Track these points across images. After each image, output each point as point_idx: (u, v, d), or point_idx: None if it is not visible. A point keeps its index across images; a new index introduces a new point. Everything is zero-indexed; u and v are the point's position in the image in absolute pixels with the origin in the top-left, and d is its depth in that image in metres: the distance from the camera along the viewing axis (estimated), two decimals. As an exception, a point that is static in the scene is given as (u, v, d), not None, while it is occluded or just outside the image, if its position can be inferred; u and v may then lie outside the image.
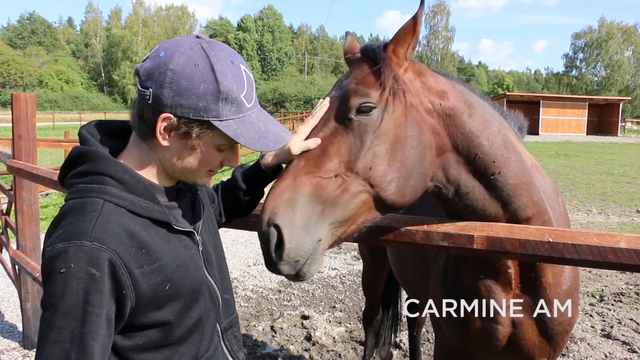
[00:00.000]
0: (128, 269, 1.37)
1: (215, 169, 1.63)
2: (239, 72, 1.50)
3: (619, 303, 6.66)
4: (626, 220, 11.63)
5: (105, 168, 1.48)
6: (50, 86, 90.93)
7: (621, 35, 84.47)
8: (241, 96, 1.49)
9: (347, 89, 1.90)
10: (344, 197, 1.77)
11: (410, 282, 3.21)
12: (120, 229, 1.40)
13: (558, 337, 2.33)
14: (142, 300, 1.42)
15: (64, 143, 12.84)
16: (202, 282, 1.64)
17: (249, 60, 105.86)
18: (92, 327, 1.30)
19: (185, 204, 1.71)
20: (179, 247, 1.56)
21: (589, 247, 1.88)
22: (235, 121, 1.48)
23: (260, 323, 5.97)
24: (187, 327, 1.59)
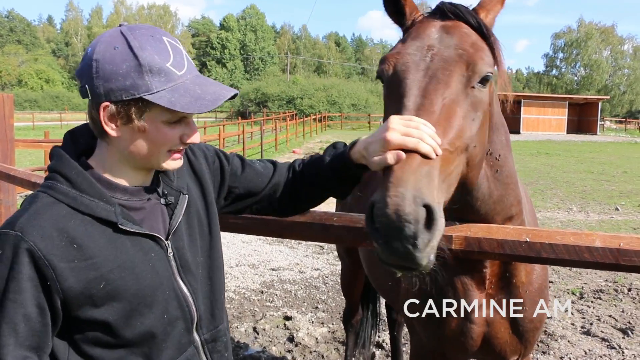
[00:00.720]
0: (49, 260, 1.41)
1: (177, 147, 1.58)
2: (160, 44, 1.49)
3: (598, 300, 6.74)
4: (605, 218, 11.78)
5: (58, 166, 1.54)
6: (30, 85, 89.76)
7: (599, 35, 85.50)
8: (167, 65, 1.47)
9: (468, 52, 1.71)
10: (455, 176, 1.64)
11: (382, 283, 3.18)
12: (49, 222, 1.44)
13: (529, 334, 2.35)
14: (72, 294, 1.45)
15: (44, 144, 12.68)
16: (160, 288, 1.60)
17: (232, 59, 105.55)
18: (8, 312, 1.40)
19: (156, 206, 1.68)
20: (128, 248, 1.54)
21: (566, 246, 1.90)
22: (167, 91, 1.47)
23: (243, 324, 5.96)
24: (140, 332, 1.57)
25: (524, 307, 2.28)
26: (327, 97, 61.76)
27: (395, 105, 1.68)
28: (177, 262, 1.67)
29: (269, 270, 7.96)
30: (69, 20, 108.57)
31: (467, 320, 2.28)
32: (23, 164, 17.56)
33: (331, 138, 36.73)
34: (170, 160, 1.60)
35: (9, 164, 5.02)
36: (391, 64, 1.77)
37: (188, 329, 1.69)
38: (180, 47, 1.55)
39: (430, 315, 2.32)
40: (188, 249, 1.72)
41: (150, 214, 1.65)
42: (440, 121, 1.59)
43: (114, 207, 1.53)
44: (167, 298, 1.62)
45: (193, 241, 1.75)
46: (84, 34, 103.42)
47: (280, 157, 24.07)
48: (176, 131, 1.55)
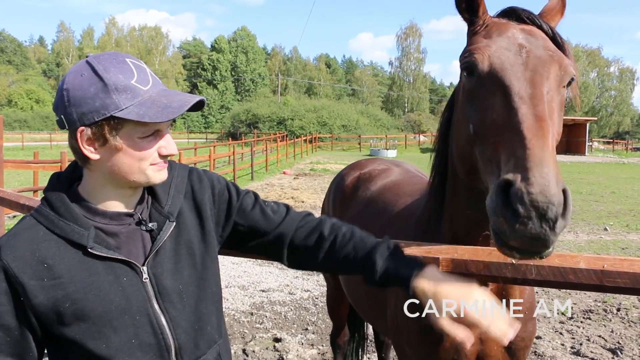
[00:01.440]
0: (19, 278, 1.51)
1: (158, 162, 1.64)
2: (123, 65, 1.57)
3: (587, 320, 6.76)
4: (594, 238, 11.84)
5: (46, 190, 1.67)
6: (20, 106, 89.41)
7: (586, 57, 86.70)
8: (132, 82, 1.55)
9: (559, 56, 1.81)
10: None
11: (363, 305, 3.14)
12: (23, 243, 1.55)
13: (520, 352, 2.37)
14: (42, 310, 1.54)
15: (33, 164, 12.63)
16: (129, 312, 1.61)
17: (223, 81, 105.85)
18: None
19: (136, 231, 1.69)
20: (99, 271, 1.58)
21: (551, 267, 1.92)
22: (135, 105, 1.53)
23: (232, 346, 5.91)
24: (106, 354, 1.59)
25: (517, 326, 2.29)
26: (317, 118, 61.95)
27: (499, 95, 1.72)
28: (155, 288, 1.67)
29: (258, 292, 7.92)
30: (60, 41, 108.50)
31: None
32: (12, 185, 17.45)
33: (322, 159, 36.82)
34: (158, 174, 1.65)
35: (-2, 185, 5.00)
36: (485, 55, 1.80)
37: (162, 356, 1.68)
38: (144, 66, 1.63)
39: (424, 336, 2.31)
40: (170, 277, 1.70)
41: (128, 239, 1.67)
42: (550, 112, 1.66)
43: (88, 231, 1.58)
44: (137, 324, 1.63)
45: (179, 269, 1.73)
46: (75, 55, 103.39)
47: (271, 178, 24.08)
48: (152, 144, 1.61)
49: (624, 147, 66.07)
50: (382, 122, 70.68)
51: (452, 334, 1.59)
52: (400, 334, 2.47)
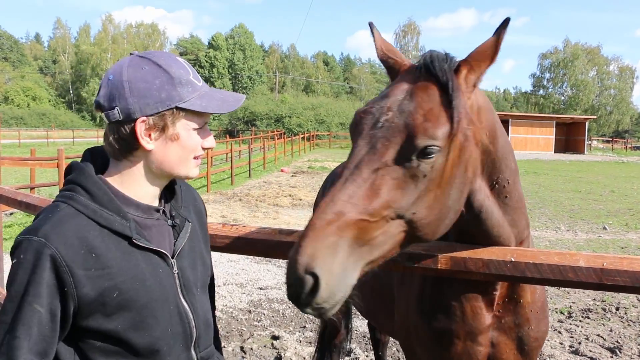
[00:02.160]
0: (69, 267, 1.49)
1: (200, 154, 1.74)
2: (179, 62, 1.68)
3: (586, 319, 6.76)
4: (593, 237, 11.85)
5: (78, 178, 1.64)
6: (17, 103, 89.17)
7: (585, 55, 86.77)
8: (190, 77, 1.67)
9: (414, 123, 1.70)
10: (384, 239, 1.67)
11: (367, 304, 3.14)
12: (72, 231, 1.53)
13: (533, 352, 2.35)
14: (86, 301, 1.52)
15: (30, 161, 12.59)
16: (166, 301, 1.69)
17: (220, 78, 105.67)
18: (24, 314, 1.47)
19: (164, 226, 1.79)
20: (139, 262, 1.64)
21: (550, 266, 1.92)
22: (196, 98, 1.65)
23: (230, 344, 5.90)
24: (146, 343, 1.64)
25: (529, 326, 2.29)
26: (315, 116, 62.02)
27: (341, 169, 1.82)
28: (180, 280, 1.77)
29: (256, 290, 7.91)
30: (56, 38, 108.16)
31: (473, 342, 2.25)
32: (9, 182, 17.41)
33: (319, 157, 36.83)
34: (195, 168, 1.75)
35: (-6, 182, 4.98)
36: (354, 123, 1.86)
37: (187, 346, 1.78)
38: (190, 65, 1.74)
39: (435, 338, 2.30)
40: (190, 271, 1.82)
41: (158, 233, 1.76)
42: (365, 192, 1.65)
43: (129, 222, 1.63)
44: (172, 313, 1.71)
45: (194, 266, 1.85)
46: (71, 52, 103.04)
47: (269, 175, 24.08)
48: (198, 138, 1.71)
49: (624, 146, 66.26)
50: (380, 120, 70.51)
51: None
52: (410, 335, 2.45)
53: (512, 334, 2.29)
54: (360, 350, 5.73)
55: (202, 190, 18.60)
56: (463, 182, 1.80)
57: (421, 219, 1.72)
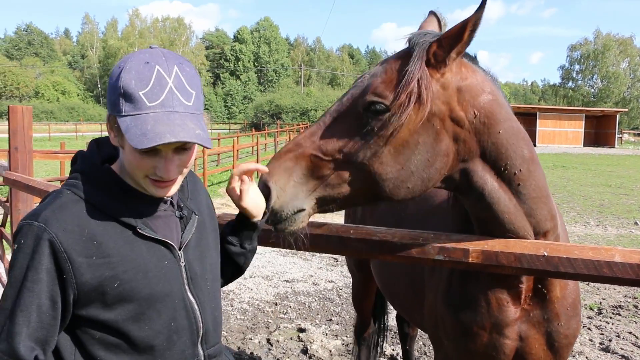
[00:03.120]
0: (68, 254, 1.46)
1: (153, 177, 1.57)
2: (147, 71, 1.49)
3: (617, 316, 6.64)
4: (624, 232, 11.63)
5: (84, 167, 1.64)
6: (47, 97, 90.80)
7: (617, 46, 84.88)
8: (140, 93, 1.47)
9: (370, 81, 1.94)
10: (338, 181, 1.91)
11: (400, 298, 3.15)
12: (73, 217, 1.51)
13: (563, 350, 2.31)
14: (86, 289, 1.50)
15: (60, 155, 12.80)
16: (170, 295, 1.65)
17: (245, 71, 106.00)
18: (24, 300, 1.44)
19: (171, 217, 1.74)
20: (143, 253, 1.60)
21: (584, 261, 1.88)
22: (131, 117, 1.47)
23: (257, 336, 5.94)
24: (146, 336, 1.60)
25: (559, 322, 2.25)
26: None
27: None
28: (188, 273, 1.72)
29: (282, 282, 7.95)
30: (84, 33, 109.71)
31: (500, 335, 2.24)
32: (40, 175, 17.73)
33: (345, 150, 36.67)
34: (153, 187, 1.60)
35: (28, 174, 5.08)
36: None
37: (193, 341, 1.73)
38: (169, 81, 1.51)
39: (462, 329, 2.30)
40: (198, 264, 1.77)
41: (164, 224, 1.71)
42: (323, 132, 1.94)
43: (134, 212, 1.61)
44: (176, 307, 1.67)
45: (203, 259, 1.80)
46: (99, 47, 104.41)
47: (294, 168, 24.08)
48: (149, 161, 1.54)
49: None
50: (405, 113, 70.10)
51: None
52: (437, 327, 2.45)
53: (541, 329, 2.26)
54: (387, 344, 5.72)
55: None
56: (433, 152, 1.91)
57: (375, 173, 1.89)
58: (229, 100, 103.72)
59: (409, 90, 1.84)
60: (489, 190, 2.00)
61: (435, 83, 1.91)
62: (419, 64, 1.87)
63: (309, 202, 1.94)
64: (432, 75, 1.90)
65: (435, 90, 1.90)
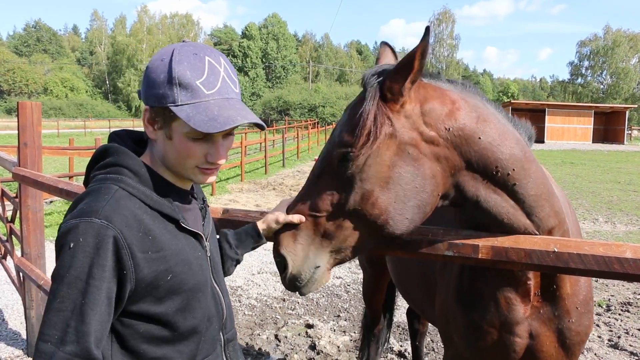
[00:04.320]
0: (131, 249, 1.47)
1: (203, 165, 1.62)
2: (199, 62, 1.56)
3: (626, 313, 6.61)
4: (633, 229, 11.57)
5: (124, 160, 1.62)
6: (55, 94, 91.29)
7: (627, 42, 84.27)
8: (197, 82, 1.54)
9: (334, 137, 2.02)
10: (341, 232, 1.97)
11: (414, 293, 3.16)
12: (129, 212, 1.51)
13: (575, 347, 2.28)
14: (142, 285, 1.51)
15: (69, 151, 12.87)
16: (206, 284, 1.73)
17: (253, 68, 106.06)
18: (92, 298, 1.41)
19: (196, 209, 1.81)
20: (184, 245, 1.65)
21: (595, 257, 1.87)
22: (190, 106, 1.53)
23: (264, 332, 5.96)
24: (189, 326, 1.66)
25: (570, 318, 2.23)
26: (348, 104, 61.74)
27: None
28: (210, 263, 1.80)
29: (290, 278, 7.93)
30: (93, 30, 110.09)
31: (510, 332, 2.23)
32: (48, 171, 17.82)
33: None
34: (200, 175, 1.66)
35: (37, 170, 5.10)
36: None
37: (220, 326, 1.82)
38: (221, 70, 1.60)
39: (471, 327, 2.29)
40: (216, 254, 1.88)
41: (193, 216, 1.77)
42: (312, 193, 2.03)
43: (173, 206, 1.66)
44: (207, 295, 1.74)
45: (216, 249, 1.90)
46: (107, 43, 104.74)
47: (302, 165, 24.12)
48: (200, 148, 1.59)
49: (665, 136, 64.23)
50: (414, 110, 70.00)
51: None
52: (448, 324, 2.45)
53: (552, 326, 2.24)
54: (395, 340, 5.73)
55: (237, 179, 18.74)
56: (419, 177, 1.92)
57: (371, 215, 1.91)
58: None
59: (367, 131, 1.89)
60: (483, 197, 2.00)
61: (397, 115, 1.92)
62: (372, 103, 1.92)
63: (322, 258, 2.01)
64: (392, 109, 1.92)
65: (399, 121, 1.92)
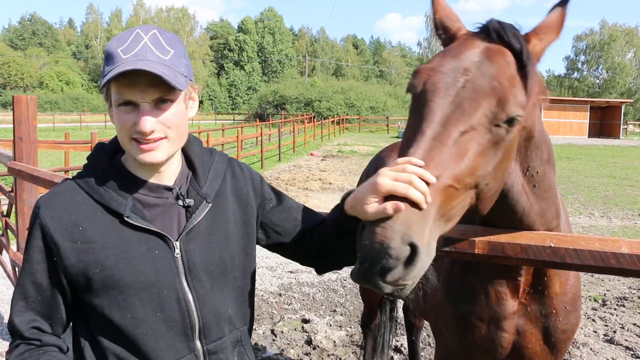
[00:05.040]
0: (54, 237, 1.57)
1: (134, 135, 1.55)
2: (127, 34, 1.59)
3: (621, 307, 6.64)
4: (629, 223, 11.60)
5: (90, 157, 1.73)
6: (51, 87, 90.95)
7: (623, 37, 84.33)
8: (118, 50, 1.54)
9: (503, 87, 1.58)
10: (457, 211, 1.55)
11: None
12: (63, 204, 1.61)
13: (561, 344, 2.30)
14: (72, 272, 1.59)
15: (65, 145, 12.83)
16: (157, 286, 1.61)
17: (249, 62, 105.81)
18: (20, 278, 1.63)
19: (173, 206, 1.70)
20: (132, 241, 1.61)
21: (591, 252, 1.87)
22: (111, 71, 1.51)
23: (261, 327, 5.96)
24: (130, 325, 1.60)
25: (557, 317, 2.24)
26: (345, 100, 61.70)
27: (415, 126, 1.57)
28: (185, 265, 1.67)
29: (287, 273, 7.96)
30: (89, 23, 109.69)
31: (498, 328, 2.23)
32: (44, 165, 17.75)
33: (349, 140, 36.72)
34: (138, 151, 1.57)
35: (32, 164, 5.08)
36: (422, 81, 1.65)
37: (186, 334, 1.67)
38: (144, 38, 1.56)
39: (460, 320, 2.30)
40: (201, 255, 1.70)
41: (164, 212, 1.69)
42: (453, 156, 1.49)
43: (126, 200, 1.62)
44: (165, 298, 1.63)
45: (211, 250, 1.72)
46: (103, 37, 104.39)
47: (298, 159, 24.11)
48: (129, 117, 1.55)
49: (660, 130, 64.34)
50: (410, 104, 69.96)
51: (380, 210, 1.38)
52: (438, 317, 2.45)
53: (539, 324, 2.25)
54: (390, 335, 5.73)
55: (232, 174, 18.70)
56: (512, 157, 1.75)
57: (488, 191, 1.62)
58: (233, 90, 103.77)
59: (538, 90, 1.67)
60: (515, 189, 1.87)
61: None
62: (534, 63, 1.68)
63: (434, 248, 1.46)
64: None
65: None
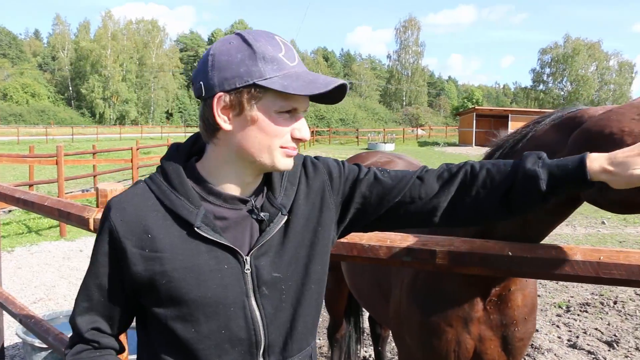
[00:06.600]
0: (123, 243, 1.50)
1: (289, 145, 1.52)
2: (272, 39, 1.51)
3: (584, 313, 6.78)
4: (592, 231, 11.87)
5: (163, 160, 1.62)
6: (15, 100, 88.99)
7: (586, 51, 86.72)
8: (280, 55, 1.48)
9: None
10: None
11: (366, 295, 3.16)
12: (134, 208, 1.52)
13: (517, 351, 2.37)
14: (138, 280, 1.50)
15: (29, 158, 12.57)
16: (223, 302, 1.52)
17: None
18: (85, 280, 1.59)
19: (247, 219, 1.59)
20: (201, 253, 1.50)
21: (547, 260, 1.93)
22: (280, 77, 1.46)
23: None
24: (192, 339, 1.52)
25: (516, 327, 2.31)
26: (315, 112, 62.03)
27: None
28: (255, 281, 1.57)
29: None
30: (56, 35, 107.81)
31: (463, 330, 2.28)
32: (7, 179, 17.42)
33: (320, 153, 36.77)
34: (283, 158, 1.53)
35: (-7, 178, 4.98)
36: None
37: (251, 352, 1.58)
38: (291, 47, 1.57)
39: (425, 326, 2.33)
40: (272, 271, 1.60)
41: (236, 225, 1.57)
42: None
43: (198, 209, 1.50)
44: (231, 315, 1.54)
45: (283, 265, 1.61)
46: (71, 48, 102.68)
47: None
48: (288, 123, 1.51)
49: (622, 141, 65.86)
50: (380, 116, 70.95)
51: None
52: (401, 324, 2.47)
53: (498, 332, 2.31)
54: (358, 345, 5.74)
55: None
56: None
57: None
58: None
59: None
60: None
61: None
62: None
63: None
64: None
65: None
